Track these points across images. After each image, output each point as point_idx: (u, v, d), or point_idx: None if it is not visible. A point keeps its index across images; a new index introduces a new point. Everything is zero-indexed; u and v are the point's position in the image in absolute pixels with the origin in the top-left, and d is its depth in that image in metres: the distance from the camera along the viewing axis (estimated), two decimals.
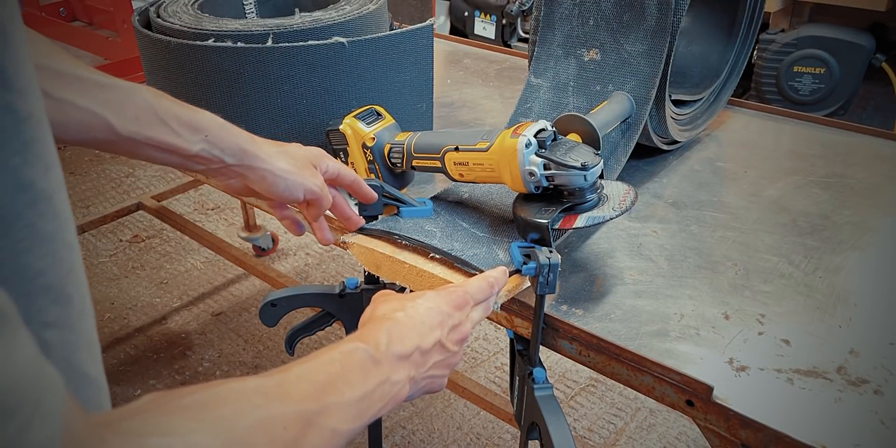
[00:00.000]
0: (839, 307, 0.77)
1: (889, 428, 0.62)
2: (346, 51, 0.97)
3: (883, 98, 2.47)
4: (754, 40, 1.19)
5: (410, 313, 0.61)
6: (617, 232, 0.90)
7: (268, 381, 0.45)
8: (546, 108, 0.99)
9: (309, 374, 0.48)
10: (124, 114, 0.61)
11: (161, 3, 1.11)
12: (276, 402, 0.43)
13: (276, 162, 0.71)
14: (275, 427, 0.41)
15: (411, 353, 0.57)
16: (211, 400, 0.39)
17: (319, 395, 0.47)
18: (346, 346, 0.53)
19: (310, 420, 0.44)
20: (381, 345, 0.55)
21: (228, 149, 0.68)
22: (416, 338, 0.58)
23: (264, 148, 0.71)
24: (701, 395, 0.65)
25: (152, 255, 2.38)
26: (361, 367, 0.52)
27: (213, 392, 0.40)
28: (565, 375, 1.89)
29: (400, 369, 0.56)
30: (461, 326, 0.64)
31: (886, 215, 0.95)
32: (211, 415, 0.38)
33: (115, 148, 0.62)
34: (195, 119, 0.66)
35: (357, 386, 0.50)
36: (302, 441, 0.43)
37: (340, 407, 0.48)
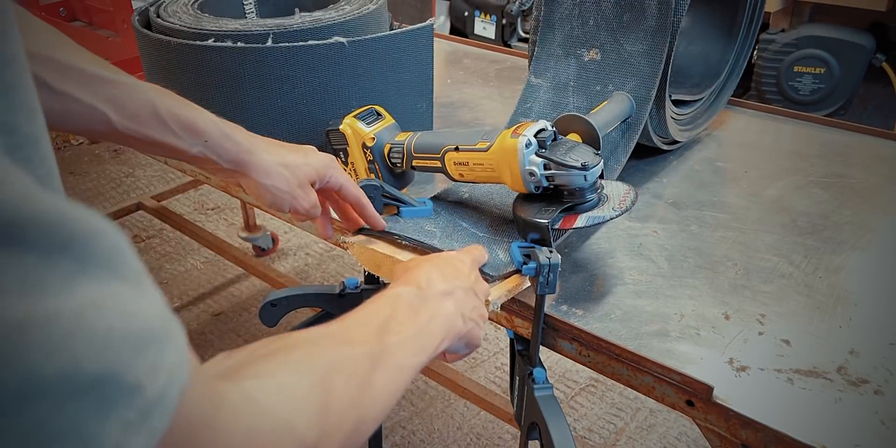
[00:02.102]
0: (839, 307, 0.77)
1: (889, 428, 0.62)
2: (346, 51, 0.97)
3: (883, 98, 2.47)
4: (754, 40, 1.19)
5: (444, 262, 0.65)
6: (617, 232, 0.90)
7: (330, 329, 0.49)
8: (546, 108, 0.99)
9: (365, 320, 0.52)
10: (124, 111, 0.61)
11: (161, 3, 1.11)
12: (343, 345, 0.47)
13: (270, 178, 0.72)
14: (347, 366, 0.45)
15: (453, 290, 0.62)
16: (286, 347, 0.43)
17: (379, 337, 0.51)
18: (391, 292, 0.58)
19: (375, 360, 0.48)
20: (423, 284, 0.60)
21: (226, 156, 0.69)
22: (454, 277, 0.63)
23: (263, 158, 0.71)
24: (701, 395, 0.65)
25: (152, 255, 2.38)
26: (410, 306, 0.57)
27: (284, 342, 0.44)
28: (565, 375, 1.89)
29: (445, 303, 0.60)
30: (480, 281, 0.68)
31: (886, 215, 0.95)
32: (289, 358, 0.42)
33: (115, 140, 0.63)
34: (197, 122, 0.66)
35: (410, 324, 0.54)
36: (373, 378, 0.47)
37: (400, 345, 0.52)
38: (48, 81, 0.56)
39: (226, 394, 0.35)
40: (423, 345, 0.54)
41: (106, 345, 0.24)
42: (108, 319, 0.25)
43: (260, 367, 0.40)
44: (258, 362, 0.40)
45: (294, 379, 0.40)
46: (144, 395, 0.26)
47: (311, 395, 0.40)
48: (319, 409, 0.40)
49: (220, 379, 0.36)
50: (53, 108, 0.57)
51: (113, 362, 0.25)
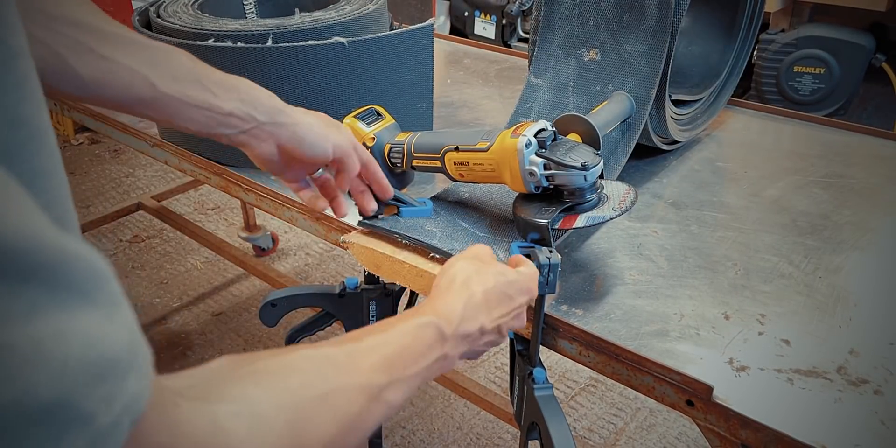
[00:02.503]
0: (839, 307, 0.77)
1: (889, 428, 0.62)
2: (346, 51, 0.97)
3: (883, 98, 2.47)
4: (754, 40, 1.19)
5: (490, 294, 0.62)
6: (617, 232, 0.90)
7: (339, 351, 0.46)
8: (546, 108, 0.99)
9: (381, 346, 0.49)
10: (164, 73, 0.62)
11: (161, 3, 1.11)
12: (345, 374, 0.44)
13: (305, 118, 0.72)
14: (339, 400, 0.42)
15: (472, 334, 0.59)
16: (281, 368, 0.41)
17: (388, 369, 0.48)
18: (422, 320, 0.55)
19: (375, 395, 0.46)
20: (454, 322, 0.57)
21: (261, 106, 0.69)
22: (483, 319, 0.60)
23: (294, 108, 0.73)
24: (701, 395, 0.65)
25: (152, 255, 2.38)
26: (429, 343, 0.54)
27: (283, 360, 0.41)
28: (565, 375, 1.89)
29: (459, 346, 0.58)
30: (521, 317, 0.66)
31: (886, 215, 0.95)
32: (278, 384, 0.39)
33: (155, 107, 0.63)
34: (229, 80, 0.68)
35: (421, 361, 0.52)
36: (364, 414, 0.44)
37: (403, 381, 0.49)
38: (93, 47, 0.57)
39: (191, 419, 0.33)
40: (418, 384, 0.52)
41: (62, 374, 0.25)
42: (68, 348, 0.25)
43: (243, 388, 0.37)
44: (243, 381, 0.38)
45: (275, 410, 0.37)
46: (97, 424, 0.26)
47: (289, 431, 0.38)
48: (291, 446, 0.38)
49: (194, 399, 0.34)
50: (97, 76, 0.58)
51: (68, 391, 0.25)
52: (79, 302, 0.26)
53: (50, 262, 0.25)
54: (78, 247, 0.27)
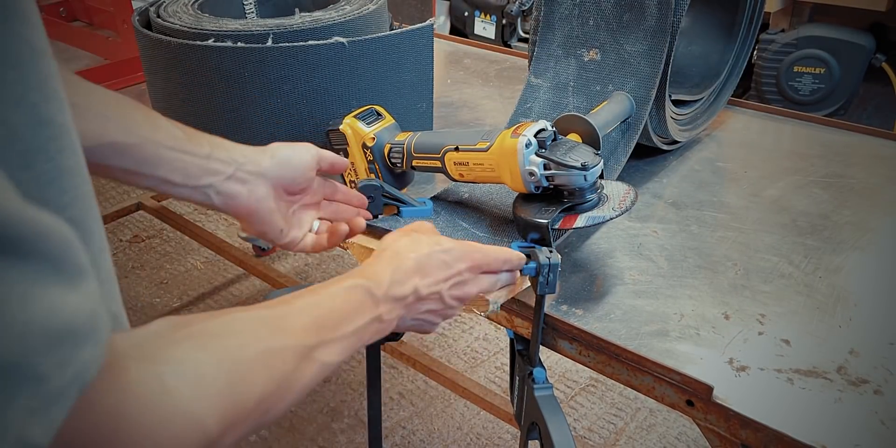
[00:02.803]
0: (839, 307, 0.77)
1: (889, 428, 0.62)
2: (346, 51, 0.97)
3: (883, 98, 2.47)
4: (754, 40, 1.19)
5: (422, 260, 0.62)
6: (617, 232, 0.90)
7: (272, 313, 0.48)
8: (546, 109, 0.99)
9: (311, 308, 0.51)
10: (135, 117, 0.61)
11: (161, 3, 1.11)
12: (278, 335, 0.46)
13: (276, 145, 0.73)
14: (275, 360, 0.44)
15: (407, 296, 0.60)
16: (217, 330, 0.43)
17: (318, 330, 0.49)
18: (349, 282, 0.56)
19: (306, 354, 0.47)
20: (383, 284, 0.58)
21: (233, 149, 0.69)
22: (417, 283, 0.61)
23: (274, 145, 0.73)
24: (701, 395, 0.65)
25: (152, 255, 2.38)
26: (360, 303, 0.55)
27: (220, 321, 0.43)
28: (565, 375, 1.89)
29: (394, 309, 0.58)
30: (465, 286, 0.65)
31: (886, 215, 0.95)
32: (217, 344, 0.41)
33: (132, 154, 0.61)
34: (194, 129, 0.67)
35: (352, 321, 0.53)
36: (298, 374, 0.46)
37: (334, 341, 0.51)
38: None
39: (139, 380, 0.35)
40: (352, 344, 0.53)
41: (22, 336, 0.26)
42: (31, 313, 0.27)
43: (184, 350, 0.39)
44: (184, 343, 0.40)
45: (215, 369, 0.40)
46: (49, 387, 0.27)
47: (228, 390, 0.40)
48: (233, 404, 0.40)
49: (135, 359, 0.36)
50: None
51: (26, 353, 0.26)
52: (46, 271, 0.27)
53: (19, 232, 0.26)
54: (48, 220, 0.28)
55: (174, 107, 1.06)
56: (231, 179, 0.68)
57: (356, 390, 1.84)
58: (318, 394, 1.84)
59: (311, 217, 0.78)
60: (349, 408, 1.80)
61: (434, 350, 1.98)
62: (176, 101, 1.05)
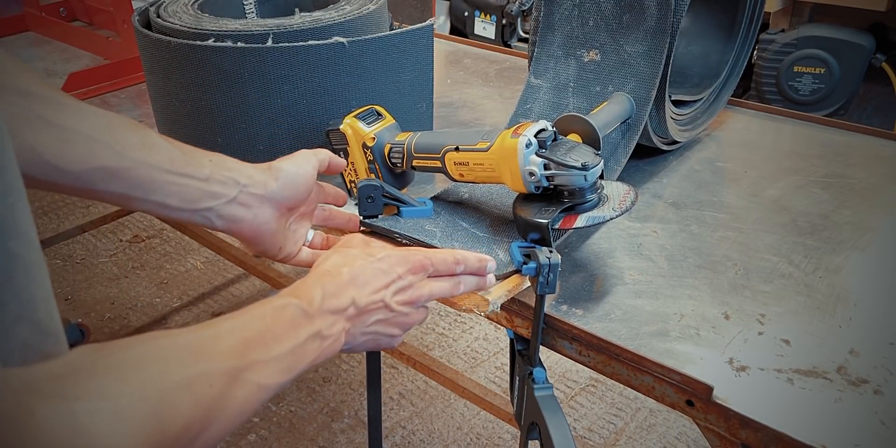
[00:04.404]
0: (839, 307, 0.77)
1: (889, 428, 0.62)
2: (346, 51, 0.97)
3: (883, 98, 2.47)
4: (754, 40, 1.19)
5: (356, 271, 0.61)
6: (617, 232, 0.90)
7: (196, 337, 0.46)
8: (546, 109, 0.99)
9: (238, 330, 0.49)
10: (128, 139, 0.59)
11: (161, 3, 1.11)
12: (202, 359, 0.44)
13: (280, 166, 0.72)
14: (200, 385, 0.43)
15: (346, 308, 0.58)
16: (139, 359, 0.40)
17: (246, 351, 0.48)
18: (278, 301, 0.54)
19: (235, 376, 0.46)
20: (315, 300, 0.56)
21: (235, 169, 0.67)
22: (353, 294, 0.59)
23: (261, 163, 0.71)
24: (701, 395, 0.65)
25: (152, 255, 2.38)
26: (292, 321, 0.53)
27: (142, 350, 0.41)
28: (565, 375, 1.89)
29: (333, 323, 0.57)
30: (412, 289, 0.64)
31: (886, 215, 0.95)
32: (138, 376, 0.39)
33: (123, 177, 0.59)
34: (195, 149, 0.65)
35: (286, 340, 0.51)
36: (227, 397, 0.45)
37: (268, 362, 0.49)
38: (45, 116, 0.54)
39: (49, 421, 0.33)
40: (292, 364, 0.51)
41: None
42: None
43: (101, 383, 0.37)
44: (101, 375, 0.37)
45: (135, 402, 0.37)
46: None
47: (151, 421, 0.38)
48: (157, 435, 0.38)
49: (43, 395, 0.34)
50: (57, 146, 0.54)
51: None
52: None
53: None
54: None
55: (174, 107, 1.06)
56: (234, 203, 0.66)
57: (356, 390, 1.84)
58: (317, 394, 1.84)
59: (305, 228, 0.77)
60: (349, 408, 1.80)
61: (434, 350, 1.98)
62: (176, 101, 1.05)
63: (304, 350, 0.53)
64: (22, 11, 1.82)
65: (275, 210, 0.70)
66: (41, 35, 1.81)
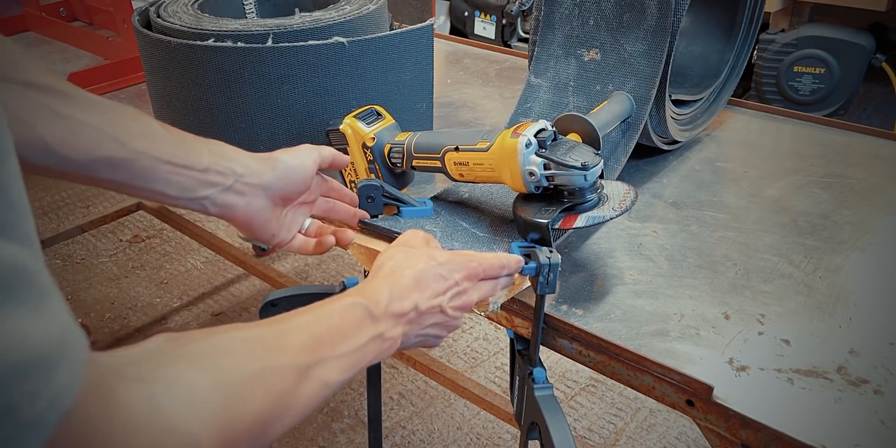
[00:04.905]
0: (839, 307, 0.77)
1: (889, 428, 0.62)
2: (346, 51, 0.97)
3: (883, 98, 2.47)
4: (754, 40, 1.19)
5: (419, 275, 0.62)
6: (617, 232, 0.90)
7: (268, 331, 0.47)
8: (546, 108, 0.99)
9: (308, 326, 0.50)
10: (131, 130, 0.60)
11: (161, 3, 1.11)
12: (274, 353, 0.45)
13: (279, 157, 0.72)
14: (271, 379, 0.44)
15: (408, 312, 0.59)
16: (213, 349, 0.42)
17: (315, 348, 0.49)
18: (347, 300, 0.55)
19: (304, 373, 0.47)
20: (382, 302, 0.57)
21: (235, 158, 0.68)
22: (416, 298, 0.60)
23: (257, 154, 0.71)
24: (701, 395, 0.65)
25: (152, 255, 2.38)
26: (359, 321, 0.54)
27: (216, 341, 0.43)
28: (565, 375, 1.89)
29: (395, 326, 0.58)
30: (465, 295, 0.65)
31: (886, 215, 0.95)
32: (212, 365, 0.41)
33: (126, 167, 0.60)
34: (196, 138, 0.66)
35: (352, 340, 0.53)
36: (295, 392, 0.46)
37: (334, 360, 0.50)
38: (54, 107, 0.55)
39: (128, 401, 0.34)
40: (355, 363, 0.53)
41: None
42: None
43: (178, 369, 0.38)
44: (179, 362, 0.39)
45: (207, 389, 0.39)
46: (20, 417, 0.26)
47: (223, 409, 0.39)
48: (229, 423, 0.39)
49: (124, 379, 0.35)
50: (62, 136, 0.55)
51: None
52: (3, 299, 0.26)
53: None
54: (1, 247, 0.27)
55: (174, 106, 1.06)
56: (229, 191, 0.67)
57: (356, 390, 1.84)
58: None
59: (303, 216, 0.78)
60: (349, 408, 1.80)
61: (434, 350, 1.98)
62: (176, 101, 1.05)
63: (366, 350, 0.54)
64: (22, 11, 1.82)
65: (269, 199, 0.71)
66: (41, 35, 1.81)
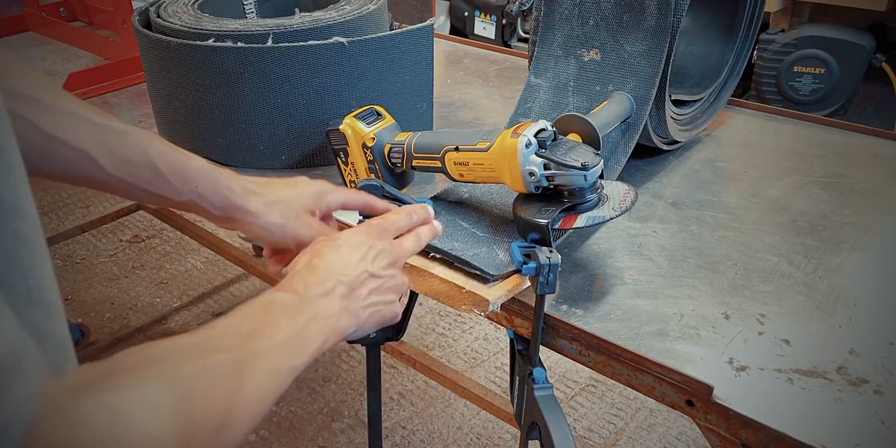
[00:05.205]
0: (839, 307, 0.77)
1: (889, 428, 0.62)
2: (346, 51, 0.97)
3: (883, 98, 2.47)
4: (754, 40, 1.19)
5: (328, 257, 0.62)
6: (617, 232, 0.90)
7: (194, 338, 0.48)
8: (546, 109, 0.99)
9: (233, 326, 0.51)
10: (115, 155, 0.60)
11: (161, 3, 1.11)
12: (207, 354, 0.46)
13: (266, 217, 0.70)
14: (212, 373, 0.44)
15: (334, 288, 0.59)
16: (150, 359, 0.42)
17: (247, 342, 0.49)
18: (265, 298, 0.56)
19: (243, 363, 0.47)
20: (300, 289, 0.58)
21: (218, 202, 0.67)
22: (336, 275, 0.60)
23: (253, 201, 0.69)
24: (701, 395, 0.65)
25: (152, 255, 2.38)
26: (284, 310, 0.55)
27: (149, 353, 0.43)
28: (565, 375, 1.89)
29: (328, 304, 0.58)
30: (387, 252, 0.65)
31: (886, 215, 0.95)
32: (155, 370, 0.41)
33: (103, 187, 0.61)
34: (187, 167, 0.65)
35: (285, 327, 0.53)
36: (242, 383, 0.46)
37: (273, 348, 0.50)
38: (38, 124, 0.54)
39: (89, 410, 0.34)
40: (300, 347, 0.53)
41: None
42: None
43: (124, 378, 0.39)
44: (122, 374, 0.39)
45: (158, 390, 0.39)
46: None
47: (175, 406, 0.39)
48: (185, 420, 0.40)
49: (82, 393, 0.35)
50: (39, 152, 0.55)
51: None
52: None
53: None
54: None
55: (174, 106, 1.06)
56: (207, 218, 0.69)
57: (356, 390, 1.84)
58: (317, 394, 1.84)
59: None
60: (349, 408, 1.80)
61: (434, 350, 1.98)
62: (176, 101, 1.05)
63: (308, 333, 0.54)
64: (22, 11, 1.82)
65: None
66: (41, 35, 1.81)
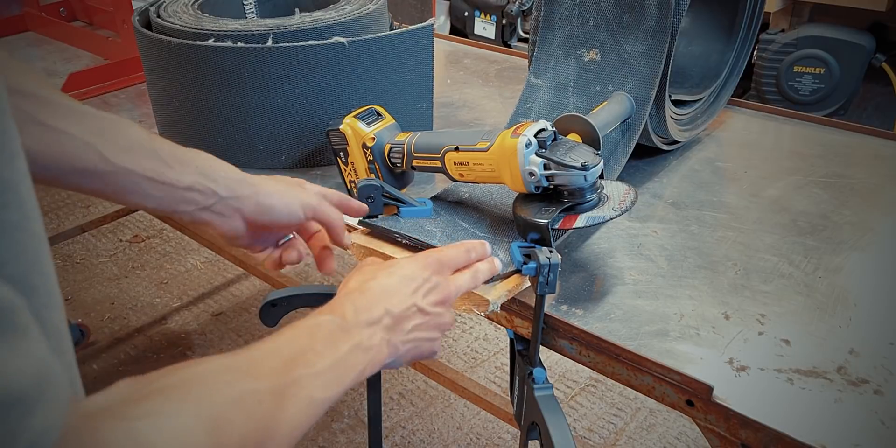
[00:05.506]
0: (839, 307, 0.77)
1: (889, 428, 0.62)
2: (346, 51, 0.97)
3: (883, 98, 2.47)
4: (754, 40, 1.19)
5: (382, 282, 0.62)
6: (617, 232, 0.90)
7: (236, 360, 0.47)
8: (546, 109, 0.99)
9: (276, 350, 0.50)
10: (114, 143, 0.59)
11: (161, 3, 1.11)
12: (246, 379, 0.45)
13: (266, 186, 0.70)
14: (249, 402, 0.43)
15: (381, 318, 0.59)
16: (185, 381, 0.41)
17: (289, 369, 0.48)
18: (312, 320, 0.55)
19: (282, 392, 0.46)
20: (348, 314, 0.57)
21: (221, 179, 0.67)
22: (385, 304, 0.60)
23: (253, 177, 0.70)
24: (701, 395, 0.65)
25: (152, 255, 2.38)
26: (329, 336, 0.54)
27: (185, 374, 0.42)
28: (565, 375, 1.89)
29: (371, 334, 0.57)
30: (440, 289, 0.64)
31: (886, 215, 0.95)
32: (188, 395, 0.40)
33: (106, 180, 0.60)
34: (187, 153, 0.65)
35: (327, 355, 0.52)
36: (279, 412, 0.45)
37: (312, 377, 0.49)
38: (36, 116, 0.54)
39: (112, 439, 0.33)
40: (339, 376, 0.52)
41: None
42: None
43: (155, 403, 0.38)
44: (154, 397, 0.38)
45: (189, 419, 0.38)
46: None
47: (208, 436, 0.38)
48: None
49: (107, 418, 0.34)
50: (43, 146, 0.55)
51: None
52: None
53: None
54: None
55: (174, 106, 1.06)
56: (206, 210, 0.67)
57: (356, 390, 1.84)
58: None
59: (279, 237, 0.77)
60: (349, 408, 1.80)
61: None
62: (176, 101, 1.05)
63: (347, 362, 0.53)
64: (22, 11, 1.82)
65: (245, 224, 0.70)
66: (41, 35, 1.81)
